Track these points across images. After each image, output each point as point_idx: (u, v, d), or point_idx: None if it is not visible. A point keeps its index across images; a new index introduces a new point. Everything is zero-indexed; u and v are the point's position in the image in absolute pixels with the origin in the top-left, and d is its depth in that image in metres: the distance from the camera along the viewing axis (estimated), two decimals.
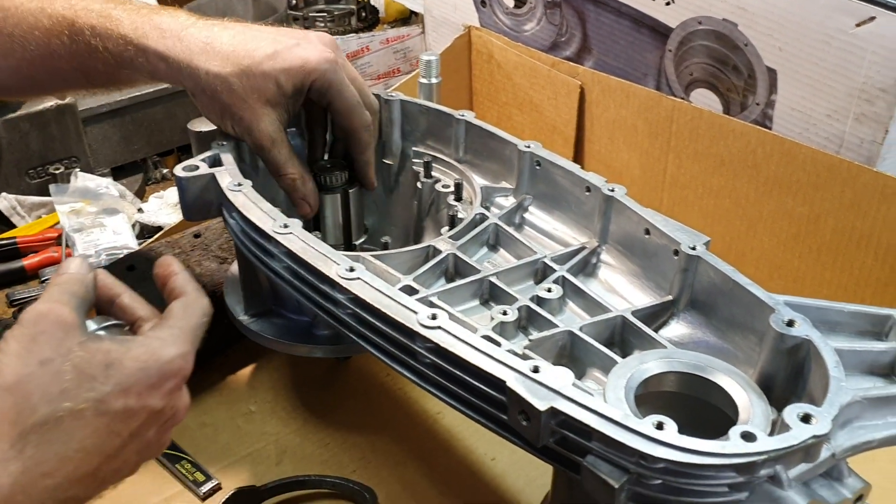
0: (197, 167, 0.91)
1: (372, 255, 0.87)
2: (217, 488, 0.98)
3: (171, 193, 1.46)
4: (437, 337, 0.69)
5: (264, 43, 0.91)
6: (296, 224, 0.83)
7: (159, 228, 1.39)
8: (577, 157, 1.39)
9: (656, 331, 0.81)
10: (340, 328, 0.79)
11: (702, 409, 0.70)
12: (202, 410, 1.09)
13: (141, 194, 1.52)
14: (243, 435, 1.05)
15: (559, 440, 0.64)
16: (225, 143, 0.95)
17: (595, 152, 1.35)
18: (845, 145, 1.08)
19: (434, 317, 0.71)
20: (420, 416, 1.08)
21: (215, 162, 0.93)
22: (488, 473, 1.00)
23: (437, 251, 0.89)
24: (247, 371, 1.15)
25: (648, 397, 0.70)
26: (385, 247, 1.10)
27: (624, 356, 0.81)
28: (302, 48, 0.91)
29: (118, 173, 1.52)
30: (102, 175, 1.47)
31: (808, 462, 0.62)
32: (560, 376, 0.64)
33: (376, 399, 1.11)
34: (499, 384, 0.65)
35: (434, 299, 0.82)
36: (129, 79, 0.99)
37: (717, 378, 0.71)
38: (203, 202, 0.92)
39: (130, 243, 1.35)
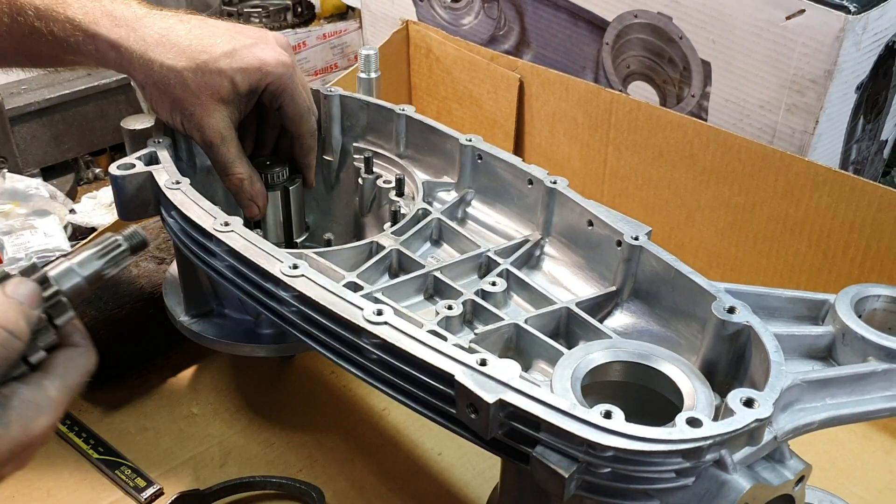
0: (133, 165, 0.89)
1: (315, 252, 0.86)
2: (159, 493, 0.96)
3: (105, 193, 1.42)
4: (383, 333, 0.68)
5: (222, 40, 0.88)
6: (237, 222, 0.82)
7: (93, 229, 1.36)
8: (518, 151, 1.39)
9: (601, 321, 0.82)
10: (285, 326, 0.78)
11: (647, 397, 0.71)
12: (142, 415, 1.06)
13: (73, 195, 1.48)
14: (185, 438, 1.03)
15: (508, 432, 0.64)
16: (161, 140, 0.93)
17: (536, 145, 1.36)
18: (778, 135, 1.11)
19: (380, 312, 0.70)
20: (366, 414, 1.07)
21: (151, 159, 0.91)
22: (435, 468, 1.00)
23: (380, 247, 0.88)
24: (188, 373, 1.13)
25: (595, 388, 0.71)
26: (328, 244, 1.09)
27: (569, 347, 0.81)
28: (260, 49, 0.89)
29: (48, 174, 1.48)
30: (32, 175, 1.43)
31: (752, 445, 0.63)
32: (507, 368, 0.65)
33: (321, 398, 1.10)
34: (447, 378, 0.65)
35: (379, 295, 0.81)
36: (74, 62, 0.95)
37: (662, 366, 0.71)
38: (140, 201, 0.90)
39: (62, 245, 1.31)
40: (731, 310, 0.72)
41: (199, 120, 0.88)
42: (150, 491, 0.95)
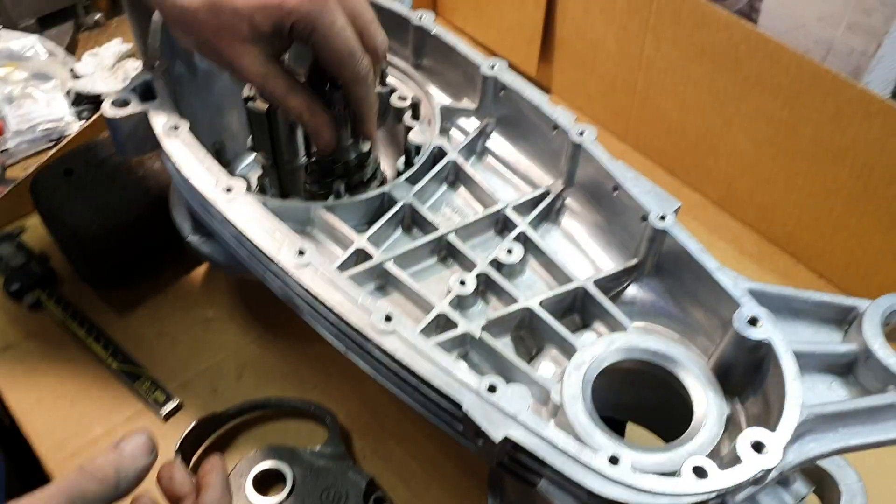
0: (127, 101, 0.83)
1: (324, 206, 0.82)
2: (178, 408, 0.98)
3: (108, 51, 1.33)
4: (390, 347, 0.66)
5: None
6: (240, 185, 0.77)
7: (96, 97, 1.29)
8: (549, 23, 1.27)
9: (620, 293, 0.79)
10: (291, 306, 0.76)
11: (660, 383, 0.71)
12: (158, 318, 1.07)
13: (72, 48, 1.39)
14: (202, 346, 1.05)
15: (513, 461, 0.64)
16: (157, 63, 0.86)
17: (569, 20, 1.24)
18: (833, 52, 1.00)
19: (388, 318, 0.68)
20: None
21: (146, 91, 0.84)
22: None
23: (392, 200, 0.84)
24: (201, 271, 1.12)
25: (609, 372, 0.70)
26: None
27: (584, 324, 0.80)
28: None
29: (45, 23, 1.38)
30: (27, 28, 1.34)
31: (757, 485, 0.63)
32: (516, 399, 0.63)
33: None
34: (455, 403, 0.64)
35: (389, 265, 0.78)
36: None
37: (676, 370, 0.70)
38: (137, 139, 0.84)
39: (66, 116, 1.26)
40: (754, 321, 0.68)
41: (231, 62, 0.78)
42: (169, 406, 0.98)
